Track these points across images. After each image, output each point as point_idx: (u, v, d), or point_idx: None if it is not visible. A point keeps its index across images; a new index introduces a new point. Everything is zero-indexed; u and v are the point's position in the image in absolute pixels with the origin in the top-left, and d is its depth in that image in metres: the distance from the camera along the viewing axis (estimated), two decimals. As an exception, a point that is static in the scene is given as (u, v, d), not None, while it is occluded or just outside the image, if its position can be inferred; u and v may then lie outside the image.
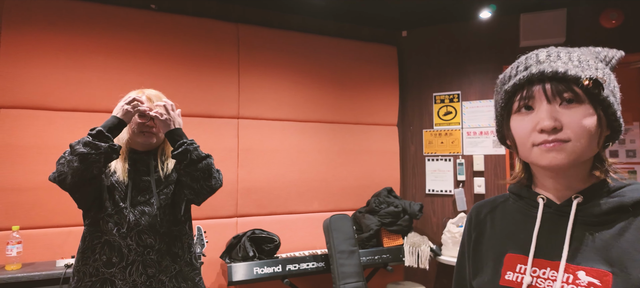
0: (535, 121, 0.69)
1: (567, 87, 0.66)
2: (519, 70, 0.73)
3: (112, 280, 1.38)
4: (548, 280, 0.68)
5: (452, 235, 3.07)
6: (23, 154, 2.44)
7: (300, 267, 2.76)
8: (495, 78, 3.14)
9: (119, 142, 1.46)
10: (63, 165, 1.33)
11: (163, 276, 1.43)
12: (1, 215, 2.38)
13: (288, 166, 3.18)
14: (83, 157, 1.28)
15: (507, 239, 0.77)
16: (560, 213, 0.71)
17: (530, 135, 0.70)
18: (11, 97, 2.44)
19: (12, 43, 2.46)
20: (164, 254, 1.45)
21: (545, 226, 0.72)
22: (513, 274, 0.72)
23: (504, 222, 0.80)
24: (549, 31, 3.12)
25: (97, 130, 1.33)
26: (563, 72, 0.66)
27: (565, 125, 0.66)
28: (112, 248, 1.40)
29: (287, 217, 3.16)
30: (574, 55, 0.70)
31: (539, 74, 0.68)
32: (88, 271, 1.39)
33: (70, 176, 1.31)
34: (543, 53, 0.72)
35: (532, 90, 0.69)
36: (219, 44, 3.00)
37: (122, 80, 2.69)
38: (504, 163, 3.30)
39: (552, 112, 0.67)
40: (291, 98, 3.23)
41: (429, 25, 3.57)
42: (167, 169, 1.52)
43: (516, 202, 0.80)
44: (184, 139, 1.44)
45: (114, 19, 2.70)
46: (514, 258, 0.73)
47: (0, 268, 2.25)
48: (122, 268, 1.39)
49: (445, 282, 3.41)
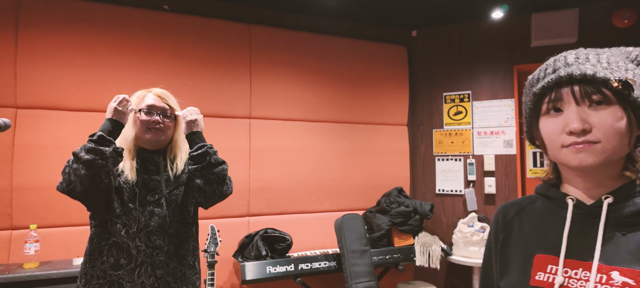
0: (564, 123, 0.69)
1: (596, 89, 0.67)
2: (547, 72, 0.74)
3: (119, 282, 1.37)
4: (580, 281, 0.68)
5: (463, 235, 3.07)
6: (41, 154, 2.48)
7: (312, 266, 2.78)
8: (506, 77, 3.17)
9: (126, 140, 1.47)
10: (69, 174, 1.32)
11: (170, 278, 1.43)
12: (19, 214, 2.42)
13: (299, 166, 3.19)
14: (89, 164, 1.27)
15: (536, 240, 0.77)
16: (590, 214, 0.71)
17: (559, 137, 0.70)
18: (29, 97, 2.48)
19: (29, 44, 2.49)
20: (172, 256, 1.44)
21: (575, 227, 0.72)
22: (544, 275, 0.72)
23: (532, 224, 0.80)
24: (561, 31, 3.11)
25: (98, 135, 1.32)
26: (592, 75, 0.67)
27: (595, 126, 0.66)
28: (120, 249, 1.38)
29: (298, 216, 3.18)
30: (603, 57, 0.70)
31: (567, 76, 0.69)
32: (96, 273, 1.38)
33: (80, 185, 1.31)
34: (571, 55, 0.73)
35: (561, 92, 0.70)
36: (231, 45, 3.02)
37: (136, 81, 2.72)
38: (515, 163, 3.29)
39: (581, 113, 0.67)
40: (302, 98, 3.24)
41: (439, 25, 3.57)
42: (176, 169, 1.51)
43: (544, 204, 0.80)
44: (204, 141, 1.46)
45: (129, 19, 2.73)
46: (544, 259, 0.73)
47: (19, 266, 2.29)
48: (130, 270, 1.38)
49: (455, 281, 3.41)
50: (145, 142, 1.49)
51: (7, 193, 2.40)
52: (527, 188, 3.41)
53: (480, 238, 3.01)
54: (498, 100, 3.36)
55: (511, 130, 3.31)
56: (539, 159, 3.42)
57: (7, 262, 2.38)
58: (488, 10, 3.27)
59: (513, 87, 3.32)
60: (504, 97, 3.34)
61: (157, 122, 1.47)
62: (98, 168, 1.29)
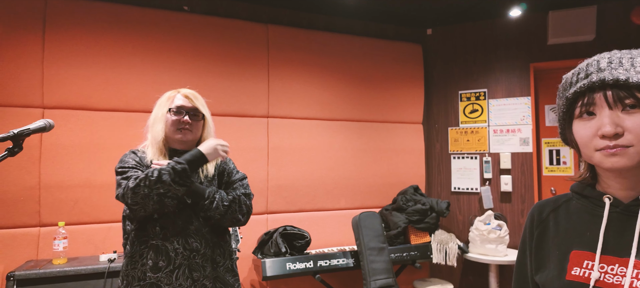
0: (597, 126, 0.71)
1: (629, 93, 0.68)
2: (580, 77, 0.75)
3: (158, 285, 1.39)
4: (617, 276, 0.69)
5: (480, 233, 3.09)
6: (66, 153, 2.54)
7: (330, 263, 2.82)
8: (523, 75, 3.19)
9: (156, 140, 1.50)
10: (143, 197, 1.33)
11: (206, 281, 1.45)
12: (47, 212, 2.49)
13: (316, 164, 3.23)
14: (171, 190, 1.34)
15: (572, 237, 0.79)
16: (627, 212, 0.73)
17: (592, 140, 0.72)
18: (56, 97, 2.54)
19: (56, 46, 2.55)
20: (208, 258, 1.46)
21: (612, 224, 0.74)
22: (580, 270, 0.74)
23: (568, 221, 0.81)
24: (579, 28, 3.11)
25: (184, 168, 1.36)
26: (624, 80, 0.68)
27: (627, 130, 0.68)
28: (158, 252, 1.41)
29: (315, 214, 3.22)
30: (638, 60, 0.71)
31: (599, 82, 0.70)
32: (136, 275, 1.41)
33: (151, 208, 1.35)
34: (604, 60, 0.73)
35: (593, 97, 0.71)
36: (249, 44, 3.06)
37: (157, 81, 2.78)
38: (531, 161, 3.30)
39: (614, 118, 0.69)
40: (319, 97, 3.28)
41: (454, 23, 3.58)
42: (206, 171, 1.53)
43: (581, 202, 0.81)
44: (206, 195, 1.46)
45: (150, 21, 2.78)
46: (580, 255, 0.75)
47: (48, 262, 2.36)
48: (169, 272, 1.40)
49: (471, 279, 3.43)
50: (175, 142, 1.52)
51: (36, 191, 2.47)
52: (544, 186, 3.41)
53: (497, 236, 3.03)
54: (514, 98, 3.36)
55: (527, 128, 3.32)
56: (555, 157, 3.42)
57: (36, 258, 2.45)
58: (504, 9, 3.27)
59: (529, 85, 3.32)
60: (521, 95, 3.35)
61: (186, 122, 1.49)
62: (171, 196, 1.36)
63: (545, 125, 3.45)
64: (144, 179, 1.34)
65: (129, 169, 1.43)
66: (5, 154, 1.16)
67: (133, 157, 1.49)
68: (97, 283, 2.27)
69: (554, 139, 3.43)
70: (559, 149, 3.40)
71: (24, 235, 2.44)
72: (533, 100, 3.33)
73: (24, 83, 2.48)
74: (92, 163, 2.60)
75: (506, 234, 3.05)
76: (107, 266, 2.28)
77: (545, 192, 3.41)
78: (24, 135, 1.20)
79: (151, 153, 1.49)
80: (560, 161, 3.40)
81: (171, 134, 1.50)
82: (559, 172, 3.39)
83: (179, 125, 1.49)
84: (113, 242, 2.60)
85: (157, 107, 1.56)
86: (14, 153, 1.17)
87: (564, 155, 3.39)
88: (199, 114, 1.54)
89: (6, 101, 2.45)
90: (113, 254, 2.42)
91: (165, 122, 1.51)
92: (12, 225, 2.42)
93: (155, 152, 1.48)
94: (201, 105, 1.56)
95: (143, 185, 1.33)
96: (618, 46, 3.20)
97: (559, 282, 0.76)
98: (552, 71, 3.39)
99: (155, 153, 1.48)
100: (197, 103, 1.55)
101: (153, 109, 1.57)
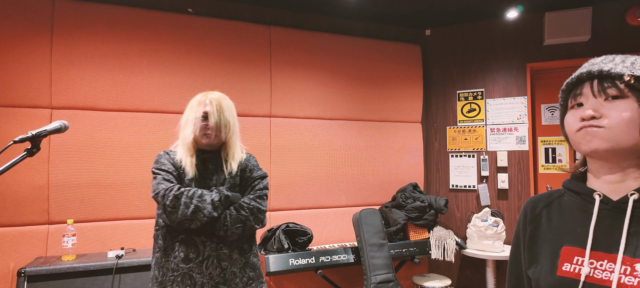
0: (581, 114, 0.76)
1: (611, 83, 0.73)
2: (575, 73, 0.81)
3: (190, 274, 1.51)
4: (605, 272, 0.72)
5: (477, 229, 3.16)
6: (74, 153, 2.61)
7: (332, 259, 2.89)
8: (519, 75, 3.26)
9: (186, 140, 1.61)
10: (183, 209, 1.46)
11: (234, 268, 1.57)
12: (56, 210, 2.55)
13: (317, 162, 3.30)
14: (205, 217, 1.49)
15: (563, 233, 0.81)
16: (617, 209, 0.75)
17: (575, 125, 0.77)
18: (63, 98, 2.60)
19: (63, 48, 2.61)
20: (234, 248, 1.58)
21: (602, 221, 0.76)
22: (570, 266, 0.76)
23: (560, 217, 0.84)
24: (574, 29, 3.17)
25: (225, 197, 1.55)
26: (607, 71, 0.73)
27: (604, 115, 0.73)
28: (188, 244, 1.52)
29: (316, 211, 3.28)
30: (629, 59, 0.75)
31: (587, 73, 0.77)
32: (170, 266, 1.53)
33: (186, 223, 1.48)
34: (600, 58, 0.79)
35: (582, 88, 0.77)
36: (252, 46, 3.12)
37: (163, 82, 2.84)
38: (527, 160, 3.37)
39: (596, 105, 0.74)
40: (320, 97, 3.34)
41: (453, 24, 3.64)
42: (231, 168, 1.64)
43: (572, 198, 0.83)
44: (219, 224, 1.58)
45: (156, 23, 2.84)
46: (570, 251, 0.77)
47: (58, 258, 2.42)
48: (199, 263, 1.52)
49: (468, 274, 3.51)
50: (202, 144, 1.63)
51: (45, 190, 2.53)
52: (540, 183, 3.48)
53: (494, 232, 3.10)
54: (511, 98, 3.43)
55: (524, 127, 3.39)
56: (551, 155, 3.49)
57: (45, 255, 2.51)
58: (502, 10, 3.33)
59: (526, 84, 3.39)
60: (517, 95, 3.41)
61: (212, 129, 1.60)
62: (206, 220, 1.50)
63: (541, 124, 3.52)
64: (190, 207, 1.48)
65: (162, 172, 1.54)
66: (25, 154, 1.22)
67: (167, 157, 1.61)
68: (106, 279, 2.34)
69: (550, 137, 3.50)
70: (555, 147, 3.48)
71: (33, 233, 2.51)
72: (529, 99, 3.40)
73: (32, 84, 2.55)
74: (100, 163, 2.67)
75: (503, 230, 3.13)
76: (115, 262, 2.35)
77: (541, 189, 3.48)
78: (42, 136, 1.27)
79: (180, 153, 1.60)
80: (556, 159, 3.47)
81: (199, 137, 1.61)
82: (554, 169, 3.47)
83: (206, 131, 1.60)
84: (120, 239, 2.67)
85: (188, 109, 1.66)
86: (32, 154, 1.24)
87: (560, 153, 3.46)
88: (224, 119, 1.63)
89: (15, 102, 2.51)
90: (120, 251, 2.49)
91: (194, 126, 1.61)
92: (21, 222, 2.49)
93: (185, 152, 1.60)
94: (227, 109, 1.65)
95: (182, 208, 1.47)
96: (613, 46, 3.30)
97: (551, 277, 0.78)
98: (548, 71, 3.46)
99: (184, 153, 1.60)
100: (222, 110, 1.64)
101: (185, 110, 1.67)
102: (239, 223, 1.55)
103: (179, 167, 1.58)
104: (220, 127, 1.60)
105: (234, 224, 1.54)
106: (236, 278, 1.57)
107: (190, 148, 1.60)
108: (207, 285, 1.52)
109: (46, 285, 2.24)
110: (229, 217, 1.53)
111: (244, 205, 1.58)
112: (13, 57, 2.52)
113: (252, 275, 1.62)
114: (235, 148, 1.67)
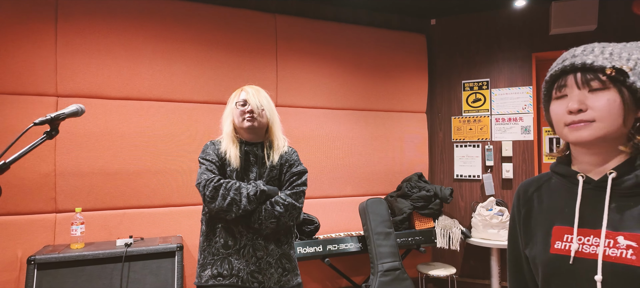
0: (566, 105, 0.80)
1: (594, 75, 0.77)
2: (558, 63, 0.85)
3: (229, 260, 1.60)
4: (592, 246, 0.79)
5: (482, 218, 3.18)
6: (80, 141, 2.59)
7: (339, 247, 2.90)
8: (525, 65, 3.29)
9: (228, 133, 1.67)
10: (220, 200, 1.52)
11: (270, 258, 1.62)
12: (63, 199, 2.54)
13: (323, 152, 3.30)
14: (240, 210, 1.54)
15: (553, 213, 0.87)
16: (598, 188, 0.81)
17: (562, 117, 0.81)
18: (69, 86, 2.58)
19: (68, 35, 2.58)
20: (270, 239, 1.63)
21: (586, 200, 0.82)
22: (561, 243, 0.83)
23: (550, 198, 0.90)
24: (581, 19, 3.17)
25: (261, 191, 1.57)
26: (590, 63, 0.78)
27: (590, 107, 0.77)
28: (228, 232, 1.60)
29: (322, 200, 3.29)
30: (608, 49, 0.79)
31: (570, 65, 0.80)
32: (211, 251, 1.62)
33: (223, 213, 1.55)
34: (580, 48, 0.83)
35: (566, 79, 0.81)
36: (258, 35, 3.10)
37: (169, 70, 2.82)
38: (532, 149, 3.38)
39: (580, 96, 0.78)
40: (326, 86, 3.33)
41: (458, 13, 3.63)
42: (273, 159, 1.67)
43: (559, 180, 0.90)
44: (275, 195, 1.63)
45: (161, 10, 2.82)
46: (561, 230, 0.84)
47: (66, 246, 2.42)
48: (237, 250, 1.60)
49: (472, 262, 3.54)
50: (244, 132, 1.67)
51: (51, 178, 2.52)
52: (544, 172, 3.50)
53: (499, 221, 3.12)
54: (516, 88, 3.44)
55: (529, 117, 3.40)
56: (555, 145, 3.50)
57: (53, 243, 2.51)
58: (507, 0, 3.33)
59: (531, 74, 3.39)
60: (523, 85, 3.42)
61: (250, 112, 1.64)
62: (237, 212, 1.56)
63: (546, 114, 3.54)
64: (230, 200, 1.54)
65: (206, 162, 1.61)
66: (44, 137, 1.21)
67: (213, 148, 1.67)
68: (115, 267, 2.34)
69: (555, 127, 3.51)
70: (559, 138, 3.49)
71: (41, 221, 2.50)
72: (535, 89, 3.40)
73: (37, 72, 2.52)
74: (106, 151, 2.65)
75: (508, 219, 3.15)
76: (125, 250, 2.35)
77: (545, 179, 3.50)
78: (60, 119, 1.26)
79: (225, 144, 1.66)
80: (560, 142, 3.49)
81: (239, 124, 1.66)
82: (557, 151, 3.48)
83: (244, 115, 1.65)
84: (127, 227, 2.66)
85: (227, 104, 1.73)
86: (51, 137, 1.23)
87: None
88: (263, 102, 1.68)
89: (21, 89, 2.48)
90: (129, 239, 2.48)
91: (232, 115, 1.68)
92: (29, 211, 2.48)
93: (229, 143, 1.66)
94: (264, 95, 1.71)
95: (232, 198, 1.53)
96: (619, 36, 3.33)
97: (545, 255, 0.85)
98: (554, 61, 3.45)
99: (228, 143, 1.66)
100: (259, 95, 1.69)
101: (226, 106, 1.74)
102: (273, 218, 1.57)
103: (222, 158, 1.64)
104: (260, 109, 1.64)
105: (268, 219, 1.57)
106: (271, 268, 1.62)
107: (233, 138, 1.66)
108: (243, 271, 1.58)
109: (56, 273, 2.24)
110: (263, 212, 1.57)
111: (280, 201, 1.60)
112: (18, 45, 2.49)
113: (287, 266, 1.66)
114: (278, 138, 1.71)
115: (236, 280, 1.57)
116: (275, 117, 1.72)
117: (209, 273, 1.59)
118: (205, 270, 1.60)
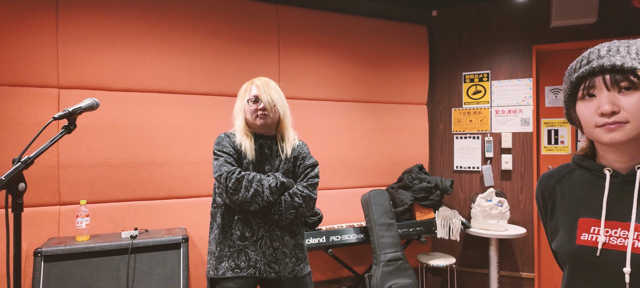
0: (596, 106, 0.82)
1: (624, 77, 0.79)
2: (583, 64, 0.86)
3: (245, 251, 1.63)
4: (620, 238, 0.80)
5: (482, 209, 3.23)
6: (83, 133, 2.57)
7: (342, 238, 2.93)
8: (525, 57, 3.32)
9: (241, 127, 1.68)
10: (244, 192, 1.54)
11: (285, 248, 1.67)
12: (67, 191, 2.53)
13: (325, 144, 3.31)
14: (263, 201, 1.57)
15: (577, 205, 0.89)
16: (626, 182, 0.83)
17: (592, 118, 0.83)
18: (71, 77, 2.55)
19: (69, 26, 2.55)
20: (286, 231, 1.67)
21: (612, 193, 0.84)
22: (588, 235, 0.85)
23: (572, 191, 0.92)
24: (581, 11, 3.20)
25: (281, 183, 1.61)
26: (620, 65, 0.79)
27: (623, 108, 0.79)
28: (245, 224, 1.63)
29: (324, 192, 3.31)
30: (633, 48, 0.81)
31: (599, 67, 0.81)
32: (227, 243, 1.65)
33: (246, 205, 1.56)
34: (604, 48, 0.84)
35: (594, 80, 0.82)
36: (260, 25, 3.08)
37: (172, 61, 2.80)
38: (531, 141, 3.43)
39: (611, 98, 0.80)
40: (328, 78, 3.33)
41: (459, 5, 3.64)
42: (286, 152, 1.70)
43: (582, 173, 0.92)
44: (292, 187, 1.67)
45: (163, 0, 2.78)
46: (587, 222, 0.86)
47: (71, 238, 2.41)
48: (253, 241, 1.63)
49: (471, 253, 3.60)
50: (257, 127, 1.69)
51: (55, 170, 2.50)
52: (542, 164, 3.56)
53: (499, 212, 3.18)
54: (516, 80, 3.47)
55: (528, 109, 3.44)
56: (554, 137, 3.56)
57: (58, 235, 2.50)
58: (509, -9, 3.33)
59: (531, 66, 3.43)
60: (523, 77, 3.45)
61: (263, 109, 1.65)
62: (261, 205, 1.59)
63: (545, 106, 3.58)
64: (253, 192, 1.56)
65: (224, 155, 1.61)
66: (63, 132, 1.21)
67: (228, 140, 1.69)
68: (122, 259, 2.35)
69: (553, 119, 3.56)
70: (557, 129, 3.54)
71: (45, 214, 2.49)
72: (534, 81, 3.44)
73: (39, 63, 2.48)
74: (109, 143, 2.64)
75: (507, 210, 3.20)
76: (131, 242, 2.35)
77: (543, 170, 3.56)
78: (77, 113, 1.26)
79: (239, 137, 1.69)
80: (559, 141, 3.54)
81: (252, 120, 1.67)
82: (556, 151, 3.54)
83: (257, 113, 1.66)
84: (132, 219, 2.66)
85: (238, 99, 1.73)
86: (69, 131, 1.23)
87: (562, 135, 3.53)
88: (275, 97, 1.68)
89: (22, 81, 2.45)
90: (134, 231, 2.49)
91: (244, 111, 1.69)
92: (33, 203, 2.46)
93: (242, 137, 1.67)
94: (274, 91, 1.69)
95: (244, 191, 1.55)
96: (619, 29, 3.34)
97: (571, 246, 0.87)
98: (554, 53, 3.49)
99: (242, 137, 1.67)
100: (270, 90, 1.68)
101: (236, 100, 1.75)
102: (293, 209, 1.61)
103: (238, 150, 1.66)
104: (272, 105, 1.65)
105: (288, 210, 1.60)
106: (286, 258, 1.66)
107: (246, 132, 1.67)
108: (260, 262, 1.61)
109: (63, 265, 2.24)
110: (283, 203, 1.60)
111: (298, 192, 1.63)
112: (18, 35, 2.45)
113: (300, 256, 1.71)
114: (289, 131, 1.74)
115: (254, 271, 1.61)
116: (286, 110, 1.73)
117: (227, 265, 1.62)
118: (221, 262, 1.62)
